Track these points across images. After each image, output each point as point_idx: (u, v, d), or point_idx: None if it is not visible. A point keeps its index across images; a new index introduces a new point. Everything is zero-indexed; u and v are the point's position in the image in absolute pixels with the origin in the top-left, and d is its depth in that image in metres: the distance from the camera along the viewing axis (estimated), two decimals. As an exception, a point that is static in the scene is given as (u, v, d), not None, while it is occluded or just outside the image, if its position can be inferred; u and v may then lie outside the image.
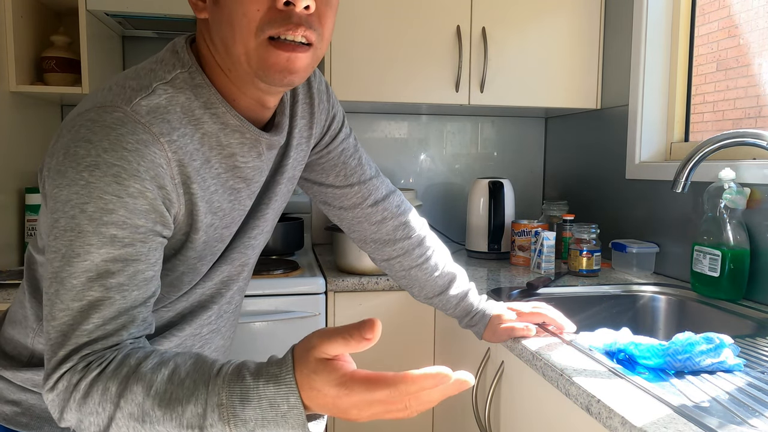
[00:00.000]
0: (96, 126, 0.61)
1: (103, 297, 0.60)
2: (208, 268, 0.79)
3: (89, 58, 1.59)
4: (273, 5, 0.63)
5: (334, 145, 0.93)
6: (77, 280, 0.60)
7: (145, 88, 0.65)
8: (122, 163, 0.60)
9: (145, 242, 0.63)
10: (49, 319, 0.61)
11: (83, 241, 0.60)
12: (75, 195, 0.59)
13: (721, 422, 0.67)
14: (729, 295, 1.28)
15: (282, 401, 0.54)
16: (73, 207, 0.59)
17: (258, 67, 0.65)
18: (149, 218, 0.63)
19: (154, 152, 0.62)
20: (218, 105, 0.69)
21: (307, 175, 0.95)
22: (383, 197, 0.99)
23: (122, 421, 0.58)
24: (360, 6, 1.69)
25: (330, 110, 0.90)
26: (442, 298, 1.04)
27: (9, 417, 0.79)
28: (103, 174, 0.59)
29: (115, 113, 0.62)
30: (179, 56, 0.69)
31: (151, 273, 0.64)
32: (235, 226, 0.78)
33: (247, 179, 0.76)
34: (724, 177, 1.27)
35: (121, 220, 0.60)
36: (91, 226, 0.59)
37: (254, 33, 0.64)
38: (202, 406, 0.55)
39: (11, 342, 0.80)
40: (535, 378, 0.96)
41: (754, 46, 1.53)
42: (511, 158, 2.26)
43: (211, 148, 0.70)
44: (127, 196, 0.60)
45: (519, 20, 1.78)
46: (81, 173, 0.59)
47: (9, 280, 1.38)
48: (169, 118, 0.65)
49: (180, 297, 0.78)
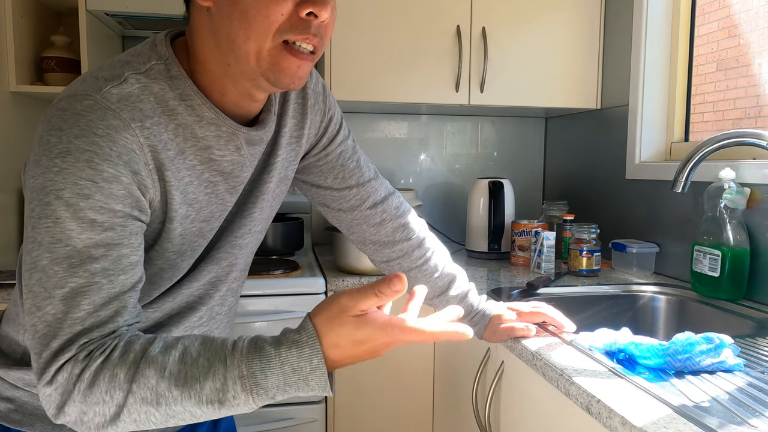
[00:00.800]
0: (66, 114, 0.61)
1: (89, 283, 0.60)
2: (191, 266, 0.78)
3: (89, 58, 1.59)
4: (295, 12, 0.64)
5: (332, 147, 0.92)
6: (59, 266, 0.59)
7: (117, 77, 0.64)
8: (94, 148, 0.59)
9: (125, 226, 0.62)
10: (33, 311, 0.60)
11: (62, 227, 0.59)
12: (49, 182, 0.59)
13: (721, 422, 0.67)
14: (729, 295, 1.28)
15: (305, 364, 0.58)
16: (48, 194, 0.59)
17: (268, 68, 0.66)
18: (126, 203, 0.62)
19: (126, 137, 0.62)
20: (194, 97, 0.68)
21: (305, 177, 0.95)
22: (382, 199, 0.98)
23: (135, 406, 0.57)
24: (360, 6, 1.69)
25: (326, 112, 0.89)
26: (442, 299, 1.03)
27: (2, 413, 0.79)
28: (76, 160, 0.59)
29: (85, 101, 0.61)
30: (156, 49, 0.69)
31: (135, 258, 0.64)
32: (216, 222, 0.77)
33: (224, 173, 0.74)
34: (724, 177, 1.27)
35: (98, 205, 0.60)
36: (69, 211, 0.59)
37: (272, 36, 0.64)
38: (221, 381, 0.57)
39: (6, 339, 0.80)
40: (535, 378, 0.96)
41: (754, 46, 1.53)
42: (511, 158, 2.26)
43: (185, 140, 0.69)
44: (101, 181, 0.60)
45: (519, 20, 1.78)
46: (53, 160, 0.59)
47: (9, 280, 1.38)
48: (142, 106, 0.64)
49: (165, 296, 0.77)
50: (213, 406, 0.58)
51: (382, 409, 1.56)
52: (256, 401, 0.58)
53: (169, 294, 0.77)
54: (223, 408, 0.58)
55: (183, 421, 0.60)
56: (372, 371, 1.54)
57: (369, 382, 1.54)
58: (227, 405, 0.58)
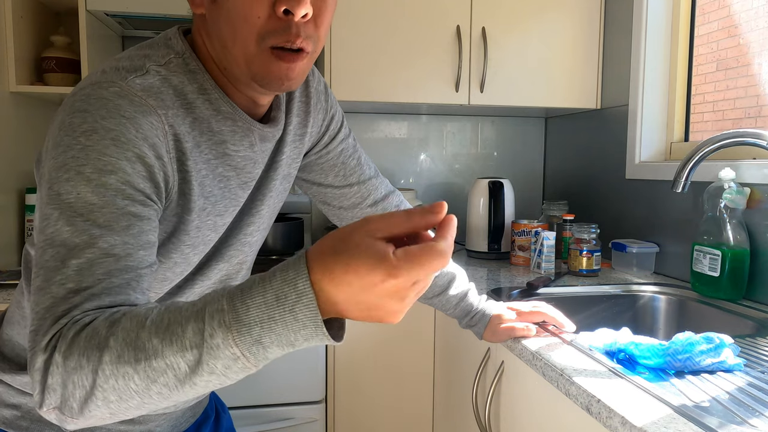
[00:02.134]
0: (92, 98, 0.60)
1: (107, 254, 0.55)
2: (204, 265, 0.78)
3: (89, 58, 1.59)
4: (273, 13, 0.63)
5: (333, 145, 0.92)
6: (79, 239, 0.55)
7: (139, 68, 0.64)
8: (120, 128, 0.58)
9: (145, 205, 0.60)
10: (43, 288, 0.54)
11: (84, 202, 0.56)
12: (71, 159, 0.57)
13: (721, 422, 0.67)
14: (729, 295, 1.28)
15: (289, 289, 0.46)
16: (69, 170, 0.56)
17: (257, 73, 0.66)
18: (147, 185, 0.60)
19: (152, 122, 0.61)
20: (212, 91, 0.69)
21: (306, 175, 0.95)
22: (383, 197, 0.99)
23: (111, 366, 0.49)
24: (360, 6, 1.69)
25: (328, 110, 0.90)
26: (442, 298, 1.04)
27: (9, 421, 0.78)
28: (101, 138, 0.57)
29: (111, 88, 0.61)
30: (172, 44, 0.69)
31: (152, 237, 0.61)
32: (229, 217, 0.77)
33: (238, 168, 0.74)
34: (724, 177, 1.27)
35: (121, 181, 0.58)
36: (89, 186, 0.56)
37: (255, 40, 0.64)
38: (202, 320, 0.48)
39: (9, 343, 0.80)
40: (535, 378, 0.96)
41: (754, 46, 1.53)
42: (511, 158, 2.26)
43: (201, 133, 0.69)
44: (125, 160, 0.58)
45: (519, 20, 1.78)
46: (77, 138, 0.57)
47: (9, 280, 1.38)
48: (163, 97, 0.64)
49: (177, 295, 0.77)
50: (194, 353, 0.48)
51: (382, 409, 1.56)
52: (237, 341, 0.47)
53: (182, 293, 0.77)
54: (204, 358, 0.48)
55: (165, 394, 0.50)
56: (372, 371, 1.54)
57: (369, 382, 1.54)
58: (206, 349, 0.47)
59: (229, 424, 1.03)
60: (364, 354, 1.53)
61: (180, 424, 0.89)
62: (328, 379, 1.52)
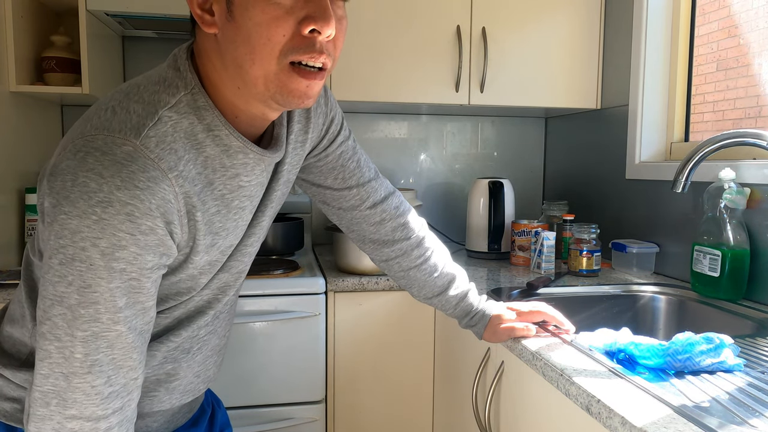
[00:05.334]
0: (106, 159, 0.61)
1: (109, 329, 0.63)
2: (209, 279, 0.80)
3: (89, 58, 1.58)
4: (298, 31, 0.63)
5: (332, 147, 0.93)
6: (85, 311, 0.62)
7: (151, 115, 0.64)
8: (135, 202, 0.61)
9: (150, 277, 0.65)
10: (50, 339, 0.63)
11: (94, 274, 0.61)
12: (86, 228, 0.60)
13: (721, 422, 0.67)
14: (729, 295, 1.28)
15: None
16: (84, 239, 0.60)
17: (276, 91, 0.66)
18: (157, 252, 0.64)
19: (164, 189, 0.63)
20: (221, 128, 0.69)
21: (306, 176, 0.96)
22: (382, 199, 0.99)
23: None
24: (360, 6, 1.69)
25: (328, 113, 0.90)
26: (441, 298, 1.04)
27: (9, 413, 0.79)
28: (117, 212, 0.60)
29: (125, 147, 0.61)
30: (182, 75, 0.68)
31: (150, 303, 0.67)
32: (236, 239, 0.79)
33: (251, 196, 0.77)
34: (724, 177, 1.27)
35: (132, 256, 0.62)
36: (103, 260, 0.61)
37: (277, 58, 0.64)
38: None
39: (10, 339, 0.80)
40: (535, 378, 0.96)
41: (754, 46, 1.53)
42: (511, 158, 2.26)
43: (214, 171, 0.70)
44: (139, 234, 0.62)
45: (519, 20, 1.78)
46: (93, 208, 0.60)
47: (9, 280, 1.38)
48: (176, 147, 0.65)
49: (178, 305, 0.78)
50: None
51: (382, 408, 1.56)
52: None
53: (183, 303, 0.79)
54: None
55: None
56: (372, 371, 1.54)
57: (369, 382, 1.54)
58: None
59: (225, 419, 1.04)
60: (364, 354, 1.53)
61: (176, 420, 0.89)
62: (328, 379, 1.52)
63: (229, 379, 1.44)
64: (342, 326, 1.51)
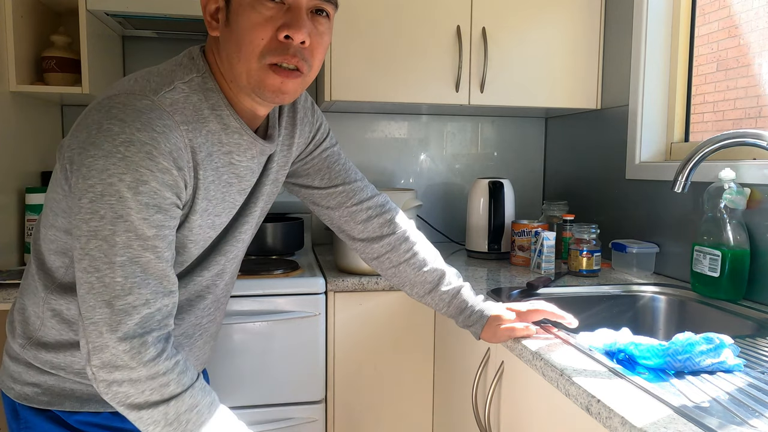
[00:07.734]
0: (128, 109, 0.72)
1: (141, 255, 0.71)
2: (204, 258, 0.89)
3: (89, 58, 1.59)
4: (275, 36, 0.76)
5: (317, 151, 1.04)
6: (119, 238, 0.70)
7: (168, 83, 0.77)
8: (153, 143, 0.71)
9: (169, 211, 0.74)
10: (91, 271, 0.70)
11: (124, 205, 0.70)
12: (113, 165, 0.69)
13: (721, 422, 0.68)
14: (729, 295, 1.28)
15: None
16: (111, 176, 0.69)
17: (255, 85, 0.78)
18: (173, 191, 0.74)
19: (176, 136, 0.74)
20: (223, 108, 0.82)
21: (295, 180, 1.06)
22: (368, 197, 1.07)
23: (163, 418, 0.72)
24: (360, 6, 1.69)
25: (314, 123, 1.02)
26: (434, 295, 1.07)
27: (30, 397, 0.86)
28: (138, 150, 0.70)
29: (144, 100, 0.73)
30: (195, 62, 0.81)
31: (173, 237, 0.76)
32: (226, 218, 0.88)
33: (239, 176, 0.87)
34: (724, 177, 1.27)
35: (153, 191, 0.71)
36: (130, 192, 0.70)
37: (257, 58, 0.76)
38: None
39: (25, 312, 0.88)
40: (535, 378, 0.96)
41: (754, 46, 1.53)
42: (511, 158, 2.26)
43: (213, 144, 0.81)
44: (157, 171, 0.71)
45: (519, 20, 1.78)
46: (117, 147, 0.69)
47: (9, 280, 1.38)
48: (185, 112, 0.77)
49: (181, 284, 0.86)
50: None
51: (382, 408, 1.56)
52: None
53: (183, 283, 0.87)
54: None
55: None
56: (372, 371, 1.54)
57: (369, 382, 1.54)
58: None
59: None
60: (363, 354, 1.53)
61: None
62: (327, 379, 1.52)
63: (229, 379, 1.44)
64: (342, 326, 1.51)
